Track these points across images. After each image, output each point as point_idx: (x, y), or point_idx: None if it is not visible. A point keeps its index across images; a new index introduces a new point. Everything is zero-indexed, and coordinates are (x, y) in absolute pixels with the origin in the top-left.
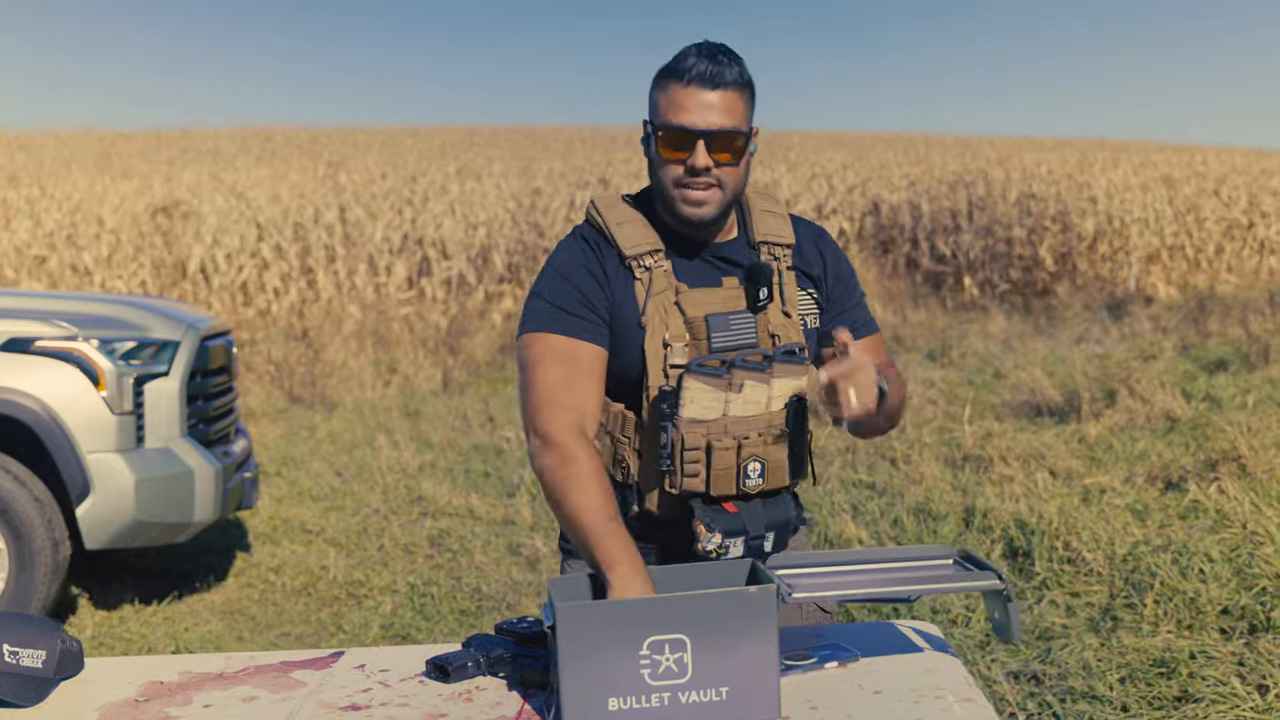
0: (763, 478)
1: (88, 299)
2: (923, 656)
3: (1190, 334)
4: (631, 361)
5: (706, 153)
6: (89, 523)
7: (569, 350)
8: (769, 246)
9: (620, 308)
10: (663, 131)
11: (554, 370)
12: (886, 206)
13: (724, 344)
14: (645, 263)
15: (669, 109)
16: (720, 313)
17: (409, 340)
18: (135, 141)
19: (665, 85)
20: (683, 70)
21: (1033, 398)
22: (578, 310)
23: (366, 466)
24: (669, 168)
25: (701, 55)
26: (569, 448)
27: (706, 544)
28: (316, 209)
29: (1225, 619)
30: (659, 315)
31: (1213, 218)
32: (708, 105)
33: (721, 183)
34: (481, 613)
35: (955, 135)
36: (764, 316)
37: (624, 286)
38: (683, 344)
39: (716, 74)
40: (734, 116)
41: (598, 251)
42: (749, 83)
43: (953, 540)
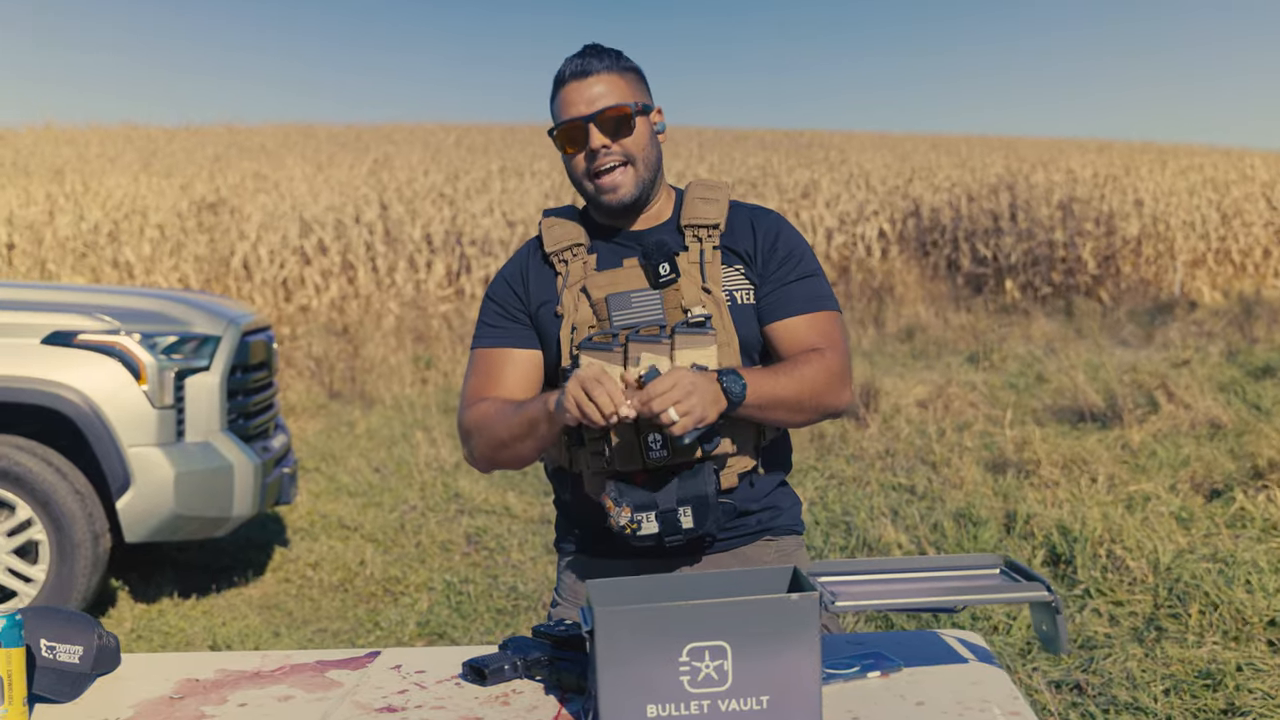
0: (666, 450)
1: (130, 293)
2: (967, 667)
3: (1236, 339)
4: (554, 351)
5: (599, 133)
6: (129, 516)
7: (487, 359)
8: (694, 229)
9: (543, 303)
10: (558, 130)
11: (476, 379)
12: (927, 208)
13: (626, 321)
14: (564, 256)
15: (559, 112)
16: (621, 291)
17: (448, 337)
18: (179, 138)
19: (553, 98)
20: (560, 76)
21: (1075, 402)
22: (496, 321)
23: (404, 463)
24: (575, 162)
25: (572, 57)
26: (464, 422)
27: (618, 519)
28: (358, 206)
29: (1273, 631)
30: (572, 303)
31: (1259, 222)
32: (586, 94)
33: (629, 157)
34: (518, 612)
35: (998, 136)
36: (675, 293)
37: (547, 283)
38: (589, 326)
39: (585, 65)
40: (615, 95)
41: (527, 256)
42: (628, 67)
43: (993, 546)
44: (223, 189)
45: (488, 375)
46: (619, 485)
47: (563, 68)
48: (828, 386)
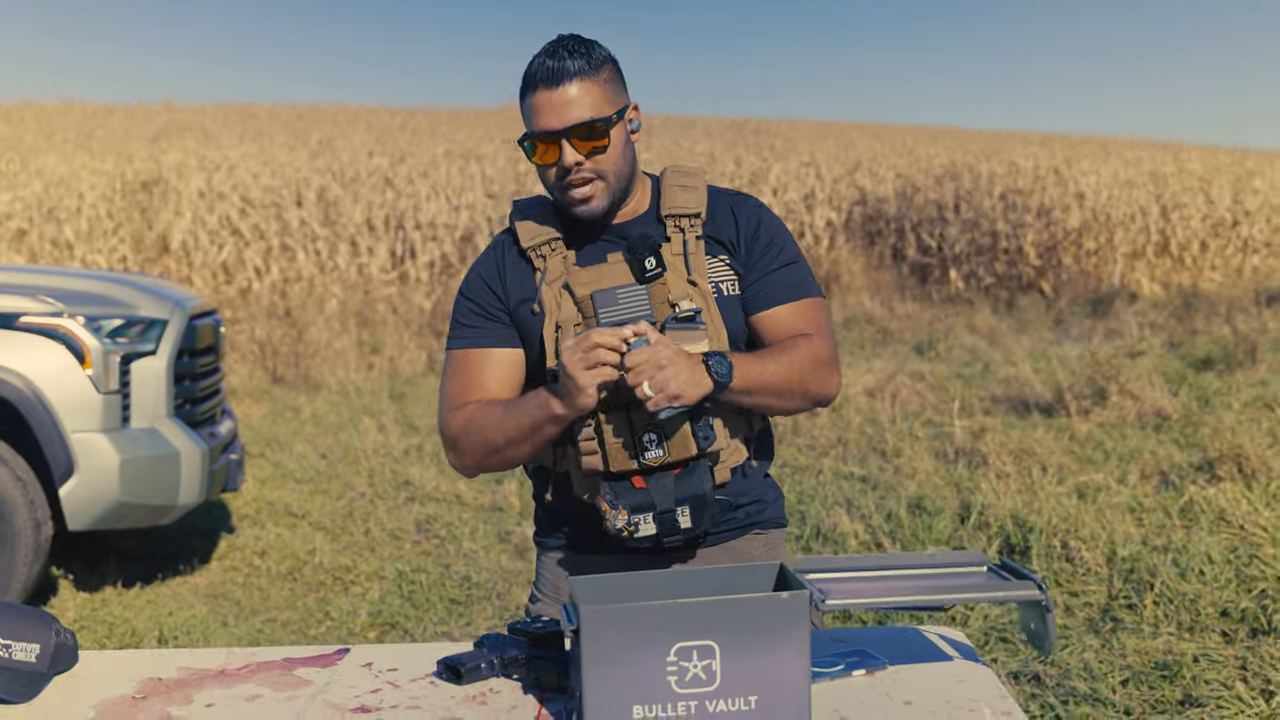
0: (662, 448)
1: (74, 275)
2: (953, 665)
3: (1177, 331)
4: (536, 350)
5: (573, 149)
6: (72, 503)
7: (466, 360)
8: (675, 219)
9: (521, 300)
10: (529, 141)
11: (454, 381)
12: (873, 198)
13: (612, 318)
14: (542, 251)
15: (530, 118)
16: (607, 288)
17: (393, 322)
18: (118, 115)
19: (523, 97)
20: (530, 76)
21: (1021, 393)
22: (472, 321)
23: (351, 449)
24: (546, 173)
25: (544, 55)
26: (450, 426)
27: (614, 522)
28: (299, 188)
29: (1225, 621)
30: (553, 300)
31: (1197, 216)
32: (559, 102)
33: (601, 173)
34: (471, 602)
35: (942, 127)
36: (661, 287)
37: (525, 279)
38: (574, 324)
39: (559, 70)
40: (589, 105)
41: (502, 252)
42: (603, 62)
43: (948, 537)
44: (162, 168)
45: (468, 377)
46: (614, 487)
47: (534, 67)
48: (815, 372)
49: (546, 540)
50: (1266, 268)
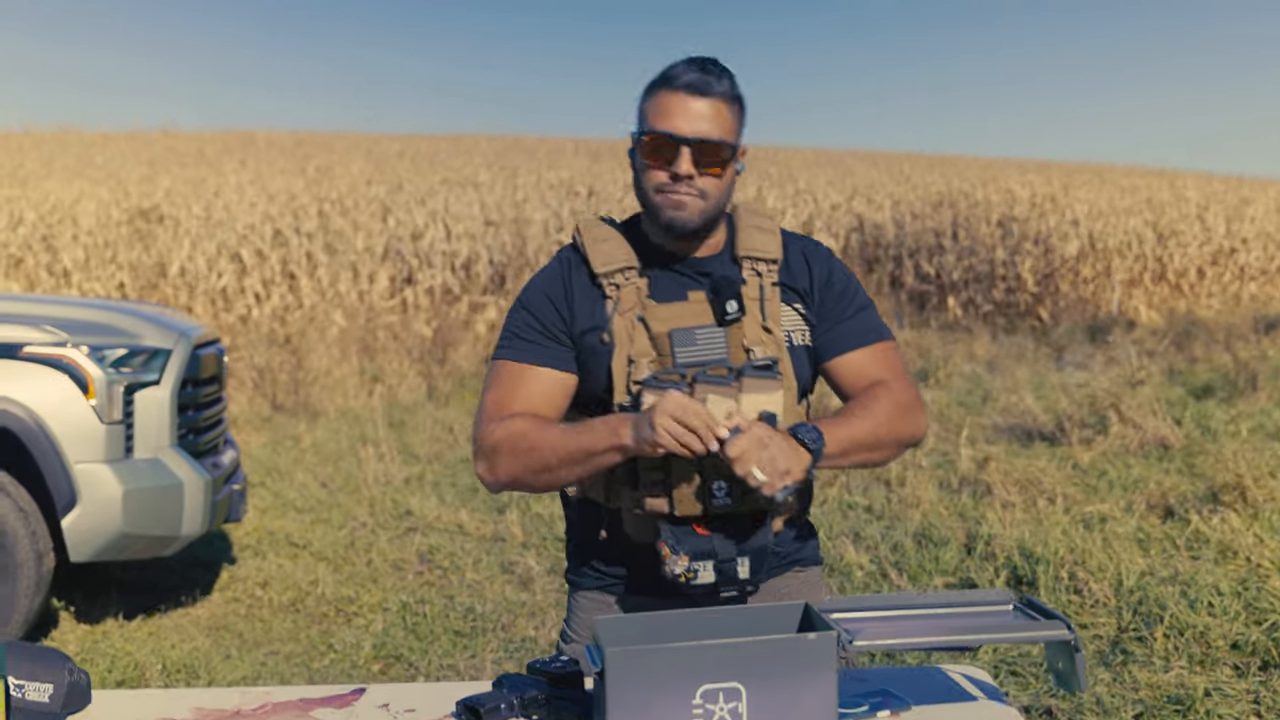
0: (730, 497)
1: (78, 304)
2: (978, 706)
3: (1176, 359)
4: (600, 379)
5: (690, 161)
6: (74, 534)
7: (516, 373)
8: (752, 261)
9: (588, 327)
10: (648, 136)
11: (499, 392)
12: (870, 225)
13: (689, 359)
14: (615, 280)
15: (656, 116)
16: (686, 327)
17: (394, 349)
18: (116, 142)
19: (654, 93)
20: (672, 77)
21: (1023, 421)
22: (530, 335)
23: (352, 478)
24: (652, 174)
25: (692, 65)
26: (504, 428)
27: (673, 567)
28: (298, 215)
29: (1236, 654)
30: (625, 332)
31: (1194, 243)
32: (695, 113)
33: (704, 192)
34: (476, 634)
35: (938, 155)
36: (738, 331)
37: (594, 305)
38: (648, 360)
39: (705, 83)
40: (721, 127)
41: (570, 271)
42: (738, 97)
43: (955, 568)
44: (160, 196)
45: (513, 390)
46: (676, 532)
47: (675, 72)
48: (901, 418)
49: (582, 579)
50: (1264, 295)
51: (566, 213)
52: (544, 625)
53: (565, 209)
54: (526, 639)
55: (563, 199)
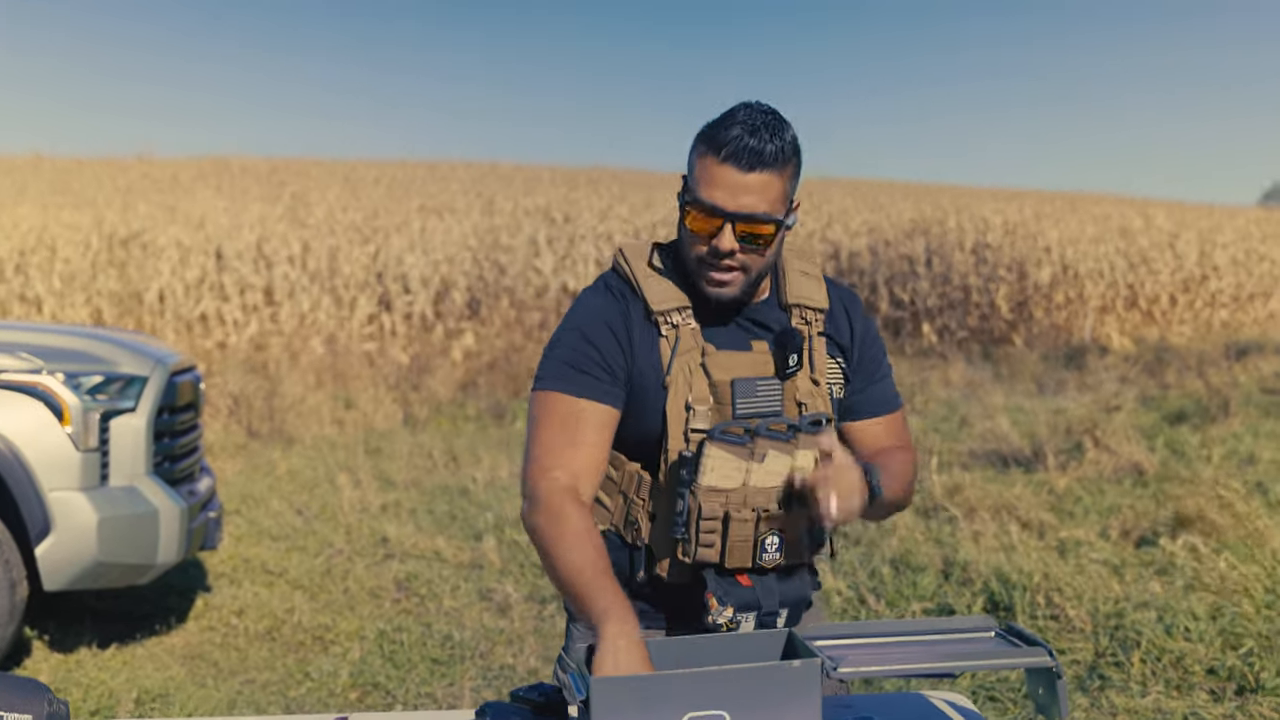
0: (780, 552)
1: (54, 331)
2: None
3: (1149, 385)
4: (651, 422)
5: (733, 236)
6: (48, 563)
7: (574, 410)
8: (801, 310)
9: (643, 365)
10: (691, 206)
11: (554, 431)
12: (846, 252)
13: (749, 410)
14: (673, 320)
15: (702, 183)
16: (747, 378)
17: (368, 376)
18: (90, 169)
19: (703, 154)
20: (721, 143)
21: (999, 447)
22: (589, 369)
23: (328, 506)
24: (695, 244)
25: (744, 128)
26: (557, 507)
27: (718, 617)
28: (275, 242)
29: (1213, 679)
30: (683, 376)
31: (1166, 270)
32: (741, 187)
33: (745, 266)
34: (454, 662)
35: (913, 183)
36: (791, 384)
37: (648, 343)
38: (706, 408)
39: (755, 153)
40: (767, 200)
41: (623, 303)
42: (791, 157)
43: (932, 594)
44: (134, 222)
45: (574, 433)
46: (723, 583)
47: (730, 135)
48: (912, 486)
49: None
50: (1235, 322)
51: (543, 239)
52: (522, 652)
53: (542, 235)
54: (505, 666)
55: (539, 225)
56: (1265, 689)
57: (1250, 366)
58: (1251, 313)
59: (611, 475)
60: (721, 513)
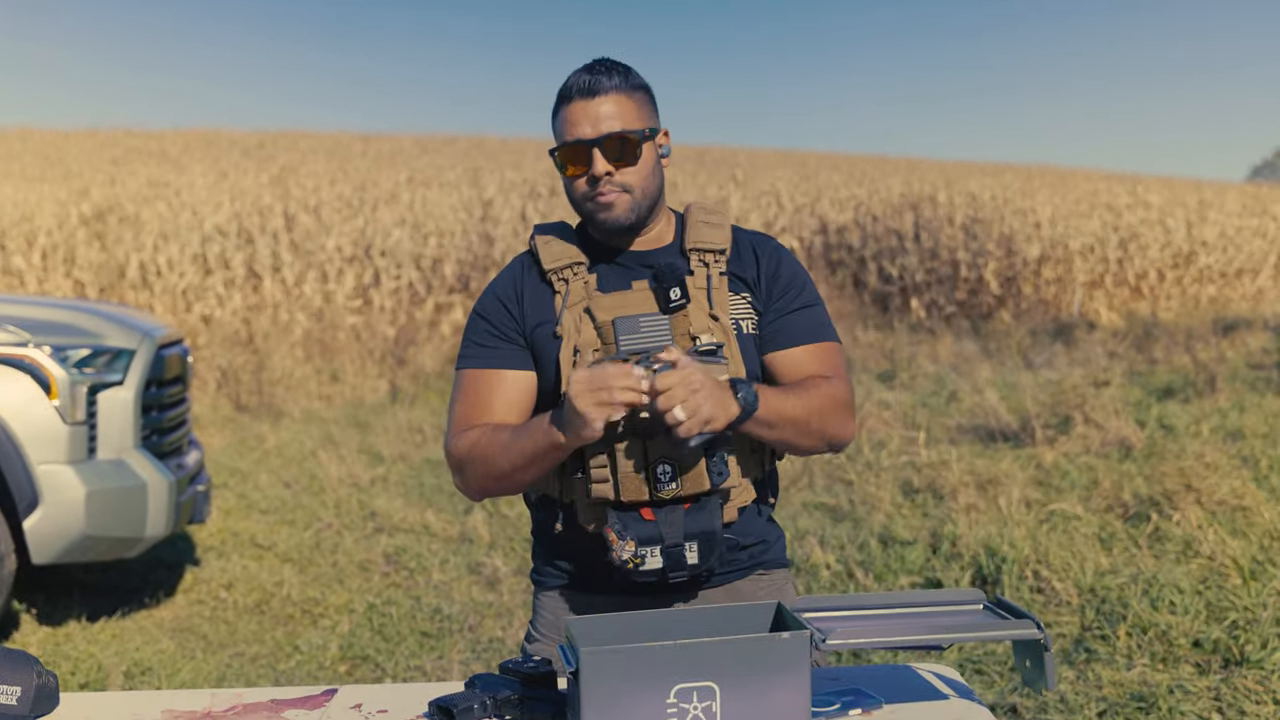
0: (675, 481)
1: (41, 304)
2: (949, 704)
3: (1137, 360)
4: (551, 374)
5: (603, 159)
6: (36, 536)
7: (478, 381)
8: (700, 253)
9: (539, 323)
10: (559, 150)
11: (464, 404)
12: (834, 227)
13: (633, 346)
14: (564, 275)
15: (563, 129)
16: (630, 315)
17: (355, 350)
18: (76, 141)
19: (556, 110)
20: (565, 89)
21: (986, 421)
22: (485, 340)
23: (316, 479)
24: (575, 184)
25: (581, 71)
26: (467, 442)
27: (620, 553)
28: (262, 215)
29: (1198, 652)
30: (573, 324)
31: (1155, 246)
32: (593, 115)
33: (627, 186)
34: (443, 635)
35: (900, 158)
36: (684, 318)
37: (545, 302)
38: (593, 349)
39: (594, 83)
40: (622, 119)
41: (521, 272)
42: (639, 86)
43: (920, 568)
44: (121, 195)
45: (477, 399)
46: (623, 517)
47: (569, 82)
48: (834, 414)
49: (545, 578)
50: (1223, 298)
51: (530, 213)
52: (511, 625)
53: (529, 209)
54: (494, 639)
55: (525, 199)
56: (1250, 661)
57: (1238, 342)
58: (1239, 288)
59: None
60: (605, 445)
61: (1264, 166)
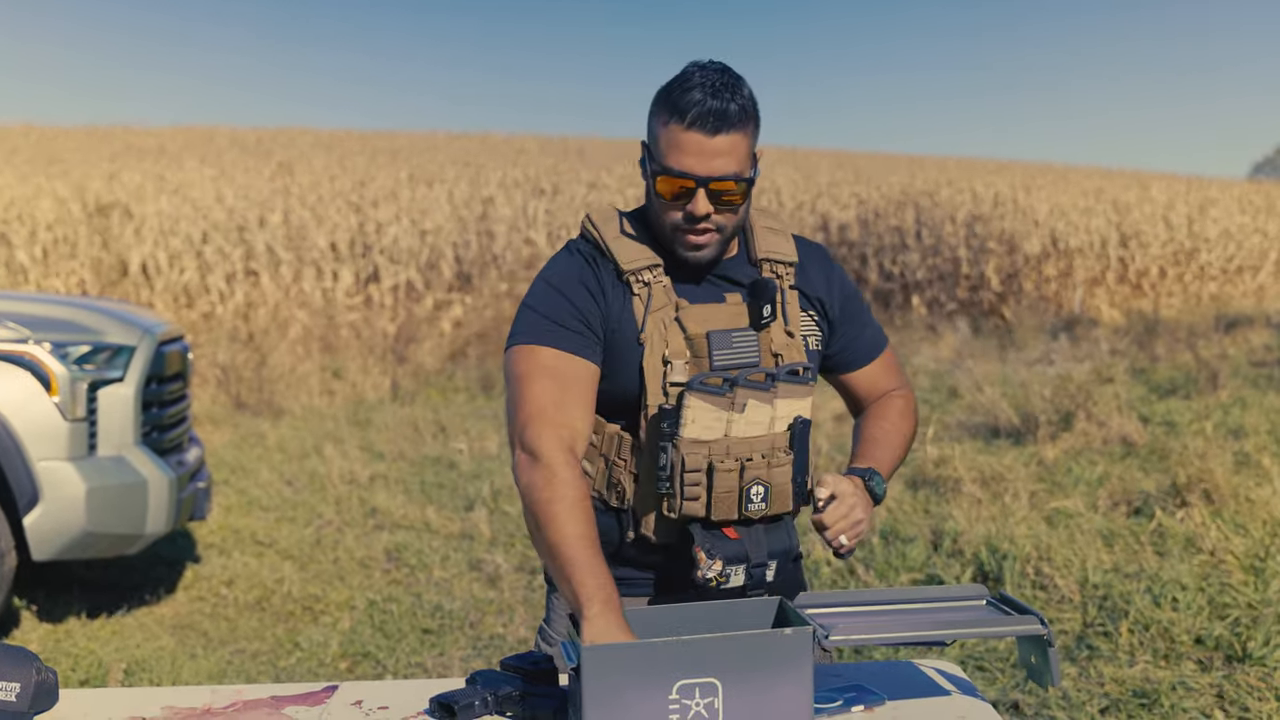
0: (766, 501)
1: (41, 300)
2: (951, 700)
3: (1139, 357)
4: (629, 380)
5: (707, 200)
6: (37, 533)
7: (560, 365)
8: (771, 264)
9: (617, 324)
10: (661, 175)
11: (544, 384)
12: (835, 224)
13: (726, 362)
14: (644, 278)
15: (669, 150)
16: (723, 329)
17: (357, 347)
18: (75, 137)
19: (666, 121)
20: (684, 109)
21: (988, 418)
22: (570, 324)
23: (317, 476)
24: (668, 212)
25: (705, 91)
26: (556, 467)
27: (707, 571)
28: (262, 211)
29: (1200, 649)
30: (658, 332)
31: (1156, 243)
32: (711, 151)
33: (720, 227)
34: (444, 632)
35: (901, 155)
36: (766, 335)
37: (621, 302)
38: (683, 361)
39: (720, 116)
40: (736, 161)
41: (594, 266)
42: (753, 113)
43: (922, 564)
44: (120, 191)
45: (563, 389)
46: (710, 536)
47: (692, 100)
48: (914, 424)
49: None
50: (1224, 294)
51: (532, 210)
52: (512, 622)
53: (531, 207)
54: (494, 636)
55: (527, 197)
56: (1253, 658)
57: (1239, 339)
58: (1240, 285)
59: (592, 439)
60: (705, 464)
61: (1265, 164)
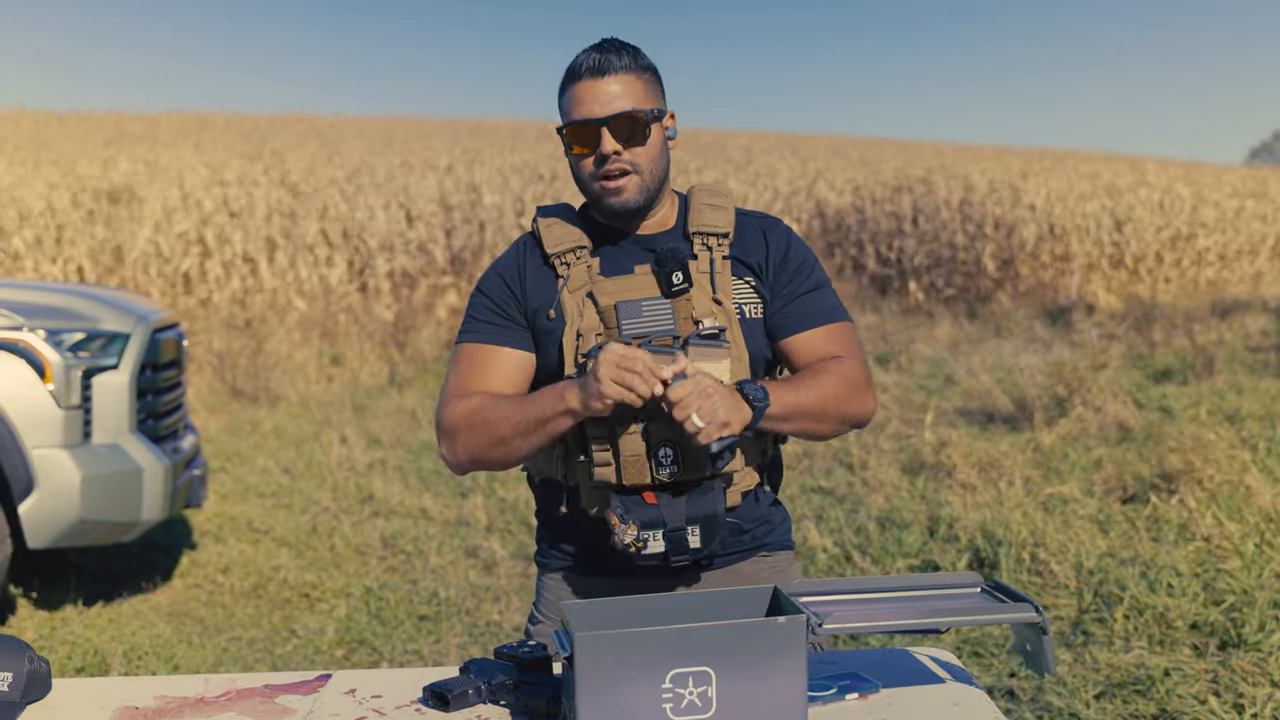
0: (677, 465)
1: (35, 288)
2: (946, 688)
3: (1136, 343)
4: (553, 357)
5: (612, 138)
6: (32, 521)
7: (476, 355)
8: (703, 236)
9: (539, 307)
10: (567, 129)
11: (460, 374)
12: (831, 210)
13: (636, 330)
14: (566, 259)
15: (571, 108)
16: (632, 299)
17: (354, 333)
18: (69, 123)
19: (564, 89)
20: (574, 68)
21: (984, 404)
22: (486, 316)
23: (314, 463)
24: (583, 164)
25: (590, 50)
26: (461, 410)
27: (623, 537)
28: (256, 198)
29: (1195, 635)
30: (575, 308)
31: (1152, 229)
32: (603, 94)
33: (636, 167)
34: (440, 619)
35: (897, 140)
36: (686, 302)
37: (547, 285)
38: (596, 333)
39: (604, 62)
40: (631, 98)
41: (524, 254)
42: (647, 67)
43: (918, 550)
44: (115, 178)
45: (473, 371)
46: (625, 501)
47: (578, 61)
48: (850, 394)
49: (549, 560)
50: (1221, 280)
51: (529, 197)
52: (508, 609)
53: (528, 193)
54: (491, 623)
55: (525, 183)
56: (1247, 644)
57: (1236, 324)
58: (1238, 271)
59: None
60: (607, 429)
61: (1262, 149)
